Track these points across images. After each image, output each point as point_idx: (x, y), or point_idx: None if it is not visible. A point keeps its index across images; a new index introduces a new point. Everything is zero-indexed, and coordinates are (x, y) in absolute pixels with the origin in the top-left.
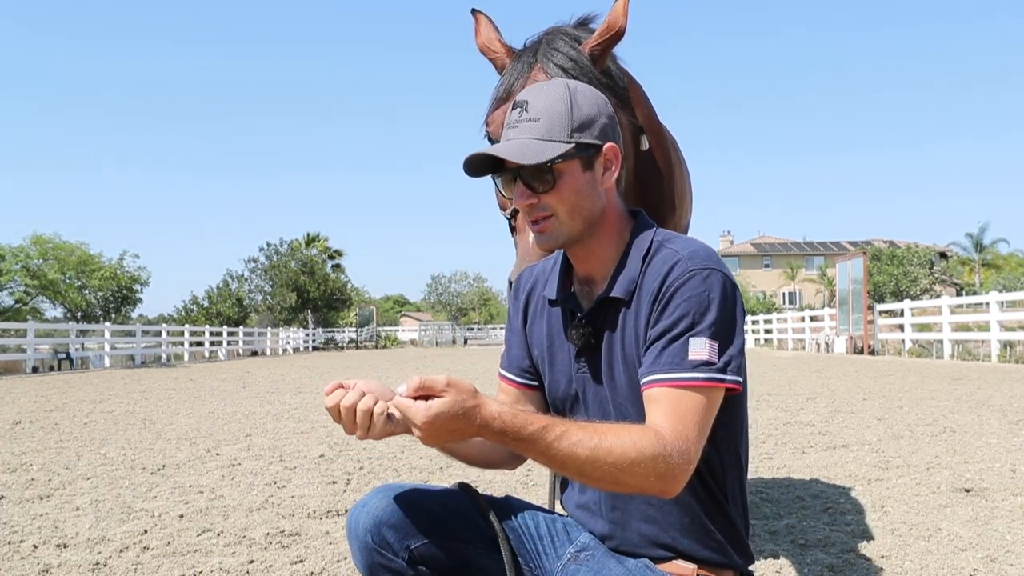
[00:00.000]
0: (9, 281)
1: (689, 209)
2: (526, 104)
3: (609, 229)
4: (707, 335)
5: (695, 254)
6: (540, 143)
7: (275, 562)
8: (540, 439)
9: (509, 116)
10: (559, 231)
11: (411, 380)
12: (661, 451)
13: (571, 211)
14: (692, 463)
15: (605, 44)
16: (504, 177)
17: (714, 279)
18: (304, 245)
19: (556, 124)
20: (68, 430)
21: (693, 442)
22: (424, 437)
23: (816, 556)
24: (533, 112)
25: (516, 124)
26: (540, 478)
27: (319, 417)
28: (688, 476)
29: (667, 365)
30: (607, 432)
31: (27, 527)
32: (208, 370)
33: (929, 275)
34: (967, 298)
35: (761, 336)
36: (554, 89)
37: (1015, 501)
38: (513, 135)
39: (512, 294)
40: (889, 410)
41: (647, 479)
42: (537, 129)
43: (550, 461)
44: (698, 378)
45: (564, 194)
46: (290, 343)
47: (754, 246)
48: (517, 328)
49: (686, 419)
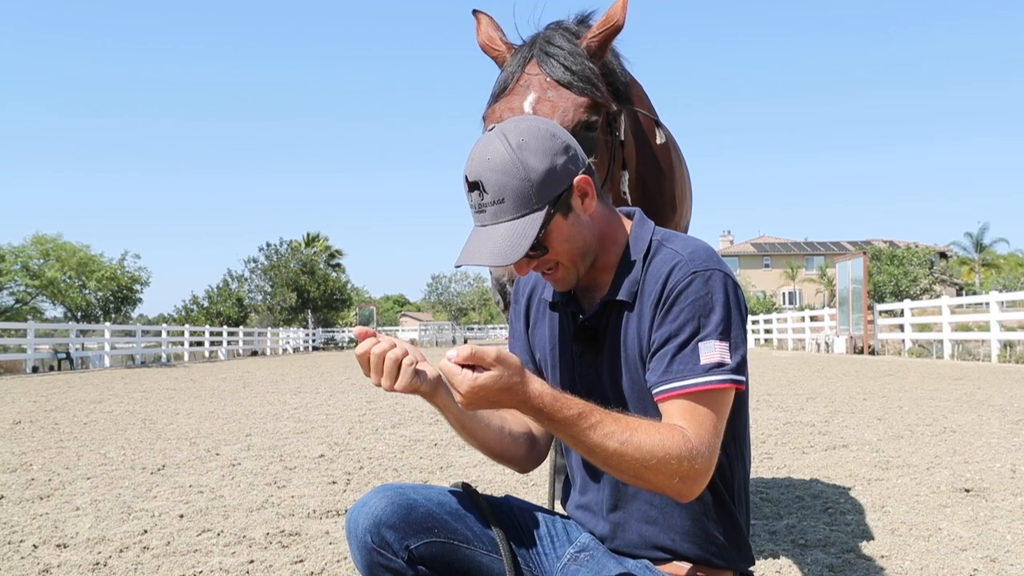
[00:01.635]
0: (9, 281)
1: (689, 209)
2: (481, 186)
3: (607, 242)
4: (716, 337)
5: (695, 254)
6: (514, 224)
7: (275, 562)
8: (574, 424)
9: (470, 198)
10: (570, 275)
11: (461, 348)
12: (687, 454)
13: (571, 257)
14: (712, 469)
15: (603, 37)
16: None
17: (716, 280)
18: (304, 245)
19: (521, 198)
20: (68, 430)
21: (714, 447)
22: (465, 404)
23: (816, 556)
24: (494, 194)
25: (482, 208)
26: (540, 478)
27: (319, 417)
28: (707, 481)
29: (680, 372)
30: (638, 428)
31: (27, 527)
32: (208, 370)
33: (929, 275)
34: (967, 298)
35: (761, 336)
36: (500, 160)
37: (1015, 501)
38: (484, 221)
39: (512, 298)
40: (889, 410)
41: (670, 480)
42: (505, 210)
43: (578, 446)
44: (713, 381)
45: (557, 249)
46: (290, 343)
47: (754, 246)
48: (519, 333)
49: (706, 424)
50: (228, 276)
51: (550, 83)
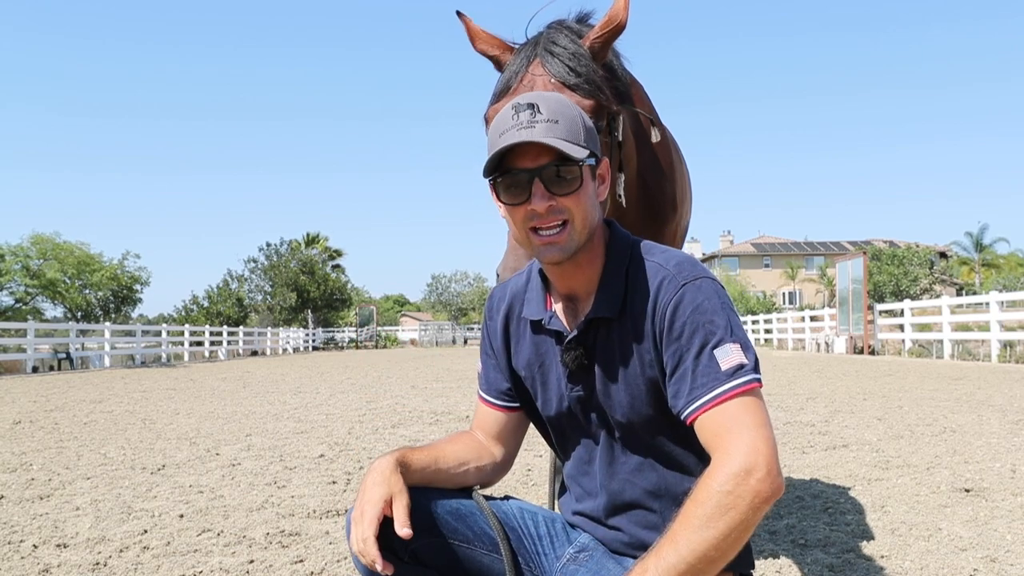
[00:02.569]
0: (9, 281)
1: (689, 209)
2: (537, 107)
3: (597, 243)
4: (729, 340)
5: (681, 266)
6: (567, 143)
7: (275, 562)
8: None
9: (518, 117)
10: (572, 241)
11: None
12: (736, 486)
13: (584, 218)
14: (773, 457)
15: (606, 37)
16: (513, 178)
17: (707, 287)
18: (304, 245)
19: (573, 128)
20: (68, 430)
21: (764, 440)
22: None
23: (816, 556)
24: (548, 114)
25: (531, 124)
26: (540, 478)
27: (319, 417)
28: (780, 469)
29: (705, 385)
30: (691, 514)
31: (27, 527)
32: (208, 370)
33: (929, 275)
34: (967, 298)
35: (761, 336)
36: (559, 97)
37: (1015, 501)
38: (534, 135)
39: (486, 314)
40: (889, 410)
41: (754, 510)
42: (559, 130)
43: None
44: (740, 384)
45: (582, 199)
46: (290, 343)
47: (754, 246)
48: (498, 349)
49: (747, 425)
50: (228, 276)
51: (555, 84)
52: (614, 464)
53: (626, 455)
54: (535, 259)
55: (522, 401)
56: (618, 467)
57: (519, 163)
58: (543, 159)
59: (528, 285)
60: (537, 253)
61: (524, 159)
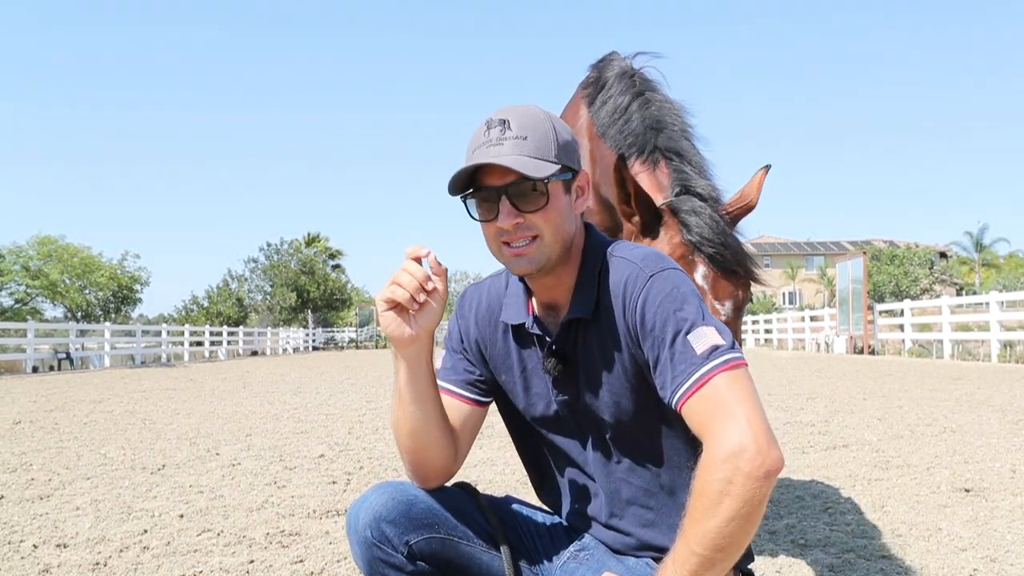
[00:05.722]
0: (9, 281)
1: None
2: (507, 123)
3: (575, 254)
4: (701, 324)
5: (647, 260)
6: (533, 160)
7: (275, 562)
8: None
9: (489, 134)
10: (541, 254)
11: None
12: (728, 471)
13: (555, 233)
14: (762, 432)
15: (735, 215)
16: (482, 196)
17: (673, 276)
18: (304, 245)
19: (543, 144)
20: (68, 430)
21: (748, 418)
22: None
23: (816, 556)
24: (517, 130)
25: (500, 141)
26: None
27: (319, 417)
28: (773, 441)
29: (683, 372)
30: (696, 508)
31: (27, 527)
32: (208, 370)
33: (929, 275)
34: (967, 298)
35: (761, 336)
36: (533, 112)
37: (1015, 501)
38: (501, 152)
39: (457, 311)
40: (889, 410)
41: (751, 490)
42: (526, 147)
43: (714, 561)
44: (716, 364)
45: (551, 215)
46: (290, 343)
47: (754, 246)
48: (470, 347)
49: (729, 406)
50: (228, 276)
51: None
52: (608, 464)
53: (619, 454)
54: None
55: (487, 398)
56: (612, 467)
57: (487, 180)
58: (510, 176)
59: (507, 289)
60: (508, 265)
61: (492, 176)
